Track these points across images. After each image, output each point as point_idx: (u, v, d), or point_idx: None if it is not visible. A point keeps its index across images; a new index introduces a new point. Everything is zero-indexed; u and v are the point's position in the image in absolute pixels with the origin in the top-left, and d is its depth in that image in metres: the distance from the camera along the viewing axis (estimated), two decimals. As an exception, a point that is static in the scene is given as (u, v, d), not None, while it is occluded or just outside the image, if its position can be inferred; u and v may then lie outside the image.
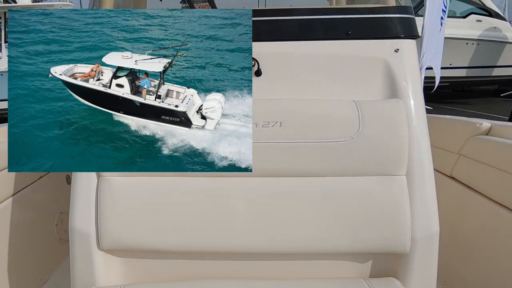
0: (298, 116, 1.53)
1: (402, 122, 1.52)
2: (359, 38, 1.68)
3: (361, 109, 1.53)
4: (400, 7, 1.74)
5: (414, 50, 1.73)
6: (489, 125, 1.96)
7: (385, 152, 1.50)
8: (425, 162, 1.56)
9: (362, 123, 1.50)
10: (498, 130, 1.94)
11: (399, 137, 1.50)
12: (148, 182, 1.53)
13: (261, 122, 1.50)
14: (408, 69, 1.66)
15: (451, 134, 2.14)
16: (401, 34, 1.69)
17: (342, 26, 1.68)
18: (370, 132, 1.50)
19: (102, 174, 1.54)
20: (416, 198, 1.52)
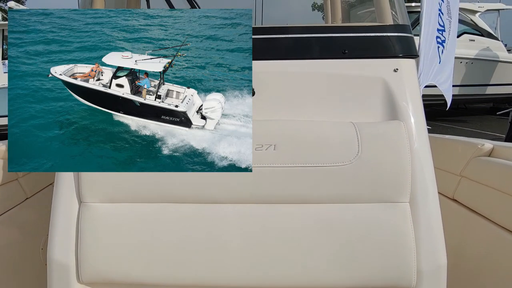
0: (294, 138, 1.45)
1: (404, 145, 1.43)
2: (356, 57, 1.63)
3: (360, 131, 1.45)
4: (398, 26, 1.70)
5: (414, 70, 1.68)
6: (491, 146, 1.91)
7: (386, 178, 1.41)
8: (429, 188, 1.47)
9: (361, 147, 1.41)
10: (500, 151, 1.89)
11: (401, 162, 1.41)
12: (133, 209, 1.43)
13: (254, 145, 1.42)
14: (408, 89, 1.60)
15: (452, 155, 2.08)
16: (400, 54, 1.64)
17: (338, 44, 1.63)
18: (370, 156, 1.41)
19: (84, 200, 1.43)
20: (421, 227, 1.42)
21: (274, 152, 1.41)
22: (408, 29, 1.71)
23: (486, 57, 12.09)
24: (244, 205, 1.43)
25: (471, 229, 1.89)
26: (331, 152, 1.42)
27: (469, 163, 1.93)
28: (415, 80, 1.66)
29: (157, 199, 1.43)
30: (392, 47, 1.65)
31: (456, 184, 2.01)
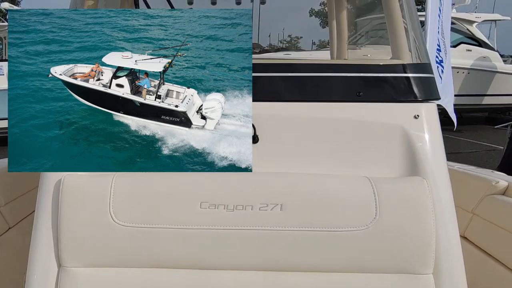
0: (303, 197, 1.29)
1: (428, 208, 1.28)
2: (372, 100, 1.45)
3: (376, 189, 1.29)
4: (419, 65, 1.54)
5: (436, 115, 1.51)
6: (506, 184, 1.81)
7: (407, 246, 1.25)
8: (456, 257, 1.33)
9: (379, 209, 1.26)
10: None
11: (424, 227, 1.26)
12: (120, 274, 1.28)
13: (258, 204, 1.25)
14: (430, 138, 1.44)
15: (465, 191, 1.95)
16: (421, 97, 1.47)
17: (353, 85, 1.45)
18: (389, 221, 1.25)
19: (64, 264, 1.27)
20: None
21: (281, 213, 1.26)
22: (429, 68, 1.56)
23: (482, 67, 12.12)
24: (246, 272, 1.29)
25: (480, 269, 1.79)
26: (345, 215, 1.27)
27: (482, 201, 1.85)
28: (438, 127, 1.49)
29: (147, 263, 1.27)
30: (413, 90, 1.48)
31: (467, 222, 1.92)
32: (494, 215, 1.77)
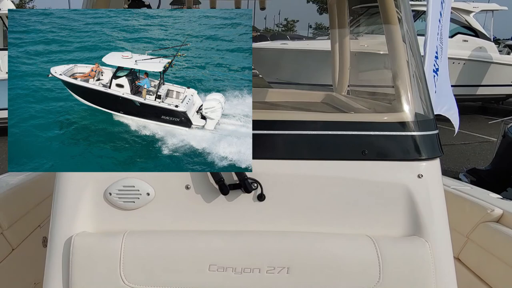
0: (308, 259, 1.32)
1: (429, 272, 1.31)
2: (377, 159, 1.45)
3: (380, 251, 1.32)
4: (423, 122, 1.53)
5: (439, 172, 1.51)
6: (500, 212, 1.85)
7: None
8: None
9: (382, 272, 1.29)
10: (508, 219, 1.83)
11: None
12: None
13: (265, 267, 1.28)
14: (433, 198, 1.45)
15: (460, 215, 1.99)
16: (425, 156, 1.47)
17: (358, 144, 1.45)
18: (392, 284, 1.28)
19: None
20: None
21: (287, 276, 1.29)
22: (433, 124, 1.55)
23: (478, 58, 12.18)
24: None
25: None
26: (350, 277, 1.30)
27: (478, 227, 1.89)
28: (440, 185, 1.51)
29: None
30: (417, 149, 1.48)
31: (462, 245, 1.97)
32: (488, 242, 1.81)
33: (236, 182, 1.38)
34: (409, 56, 1.59)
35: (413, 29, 1.65)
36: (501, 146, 5.76)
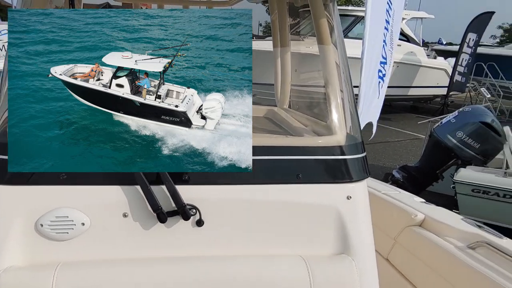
0: (243, 282, 1.37)
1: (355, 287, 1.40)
2: (310, 182, 1.50)
3: (311, 270, 1.38)
4: (353, 146, 1.60)
5: (365, 193, 1.58)
6: (422, 217, 2.01)
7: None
8: None
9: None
10: (429, 223, 2.00)
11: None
12: None
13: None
14: (361, 218, 1.53)
15: (388, 219, 2.15)
16: (354, 178, 1.55)
17: (293, 168, 1.50)
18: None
19: None
20: None
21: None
22: (361, 148, 1.63)
23: (409, 62, 13.20)
24: None
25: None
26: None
27: (403, 231, 2.03)
28: (367, 205, 1.58)
29: None
30: (347, 172, 1.55)
31: (390, 246, 2.10)
32: (412, 245, 1.95)
33: (174, 209, 1.38)
34: (342, 81, 1.65)
35: (345, 54, 1.71)
36: (427, 145, 6.24)
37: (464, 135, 5.49)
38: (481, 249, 1.67)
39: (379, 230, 2.11)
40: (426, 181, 6.16)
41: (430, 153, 6.11)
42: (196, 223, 1.43)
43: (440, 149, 5.75)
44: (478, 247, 1.68)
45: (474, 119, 5.60)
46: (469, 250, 1.70)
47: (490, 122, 5.50)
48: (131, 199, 1.40)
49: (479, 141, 5.45)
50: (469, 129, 5.49)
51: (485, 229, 1.85)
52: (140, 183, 1.37)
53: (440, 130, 5.79)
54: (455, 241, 1.81)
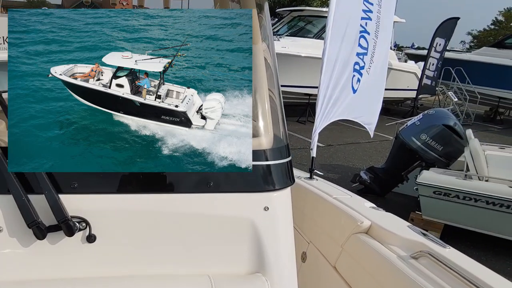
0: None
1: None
2: (222, 191, 1.33)
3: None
4: (275, 150, 1.44)
5: (288, 203, 1.43)
6: (369, 224, 1.93)
7: None
8: None
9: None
10: (375, 231, 1.92)
11: None
12: None
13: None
14: (280, 233, 1.38)
15: (338, 226, 2.05)
16: (273, 186, 1.39)
17: (203, 175, 1.35)
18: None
19: None
20: None
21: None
22: (285, 151, 1.47)
23: None
24: None
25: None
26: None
27: (349, 239, 1.94)
28: (289, 217, 1.43)
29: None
30: (265, 180, 1.39)
31: (338, 254, 1.99)
32: (357, 253, 1.86)
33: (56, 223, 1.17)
34: (270, 80, 1.53)
35: (275, 54, 1.60)
36: (393, 147, 6.36)
37: (428, 138, 5.58)
38: (423, 259, 1.58)
39: (328, 236, 2.06)
40: (392, 182, 6.23)
41: (396, 155, 6.18)
42: (86, 239, 1.22)
43: (405, 151, 5.83)
44: (421, 256, 1.60)
45: (437, 121, 5.68)
46: (411, 260, 1.61)
47: (452, 125, 5.58)
48: (7, 211, 1.17)
49: (442, 143, 5.54)
50: (432, 131, 5.58)
51: (430, 238, 1.75)
52: (13, 191, 1.16)
53: (405, 133, 5.88)
54: (399, 250, 1.71)
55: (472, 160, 5.04)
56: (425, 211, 5.04)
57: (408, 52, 19.20)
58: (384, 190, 6.33)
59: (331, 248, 2.02)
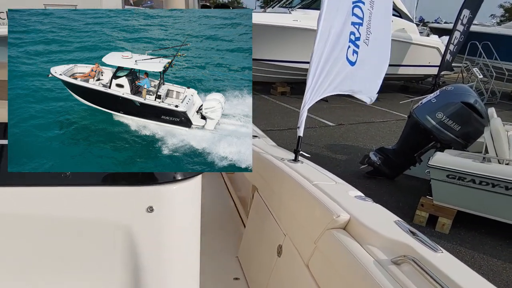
0: None
1: None
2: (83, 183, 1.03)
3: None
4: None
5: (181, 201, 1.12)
6: (347, 218, 1.62)
7: None
8: None
9: None
10: (354, 226, 1.60)
11: None
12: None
13: None
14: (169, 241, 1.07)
15: (312, 218, 1.74)
16: (160, 179, 1.08)
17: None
18: None
19: None
20: None
21: None
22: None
23: (400, 39, 12.25)
24: None
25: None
26: None
27: (324, 234, 1.64)
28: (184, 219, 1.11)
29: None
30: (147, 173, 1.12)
31: (311, 252, 1.71)
32: (330, 252, 1.57)
33: None
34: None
35: None
36: (406, 126, 5.78)
37: (444, 117, 5.09)
38: (406, 265, 1.32)
39: (303, 230, 1.78)
40: (403, 164, 5.74)
41: (408, 135, 5.66)
42: None
43: (418, 130, 5.32)
44: (403, 262, 1.33)
45: (456, 99, 5.15)
46: (391, 266, 1.34)
47: (472, 102, 5.06)
48: None
49: (459, 123, 5.06)
50: (449, 110, 5.08)
51: (419, 238, 1.47)
52: None
53: (419, 111, 5.35)
54: (378, 252, 1.45)
55: (492, 141, 4.51)
56: (437, 196, 4.56)
57: (432, 26, 17.52)
58: (394, 173, 5.77)
59: (305, 243, 1.74)
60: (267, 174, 2.09)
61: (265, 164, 2.08)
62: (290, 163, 2.17)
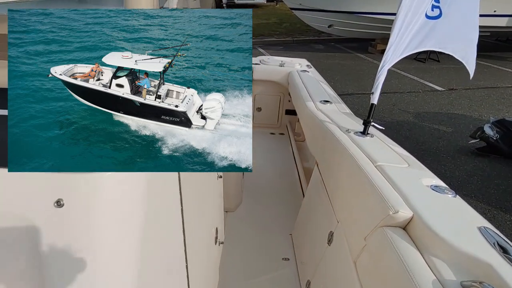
0: None
1: None
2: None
3: None
4: None
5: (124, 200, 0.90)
6: (409, 215, 1.27)
7: None
8: None
9: None
10: (417, 227, 1.25)
11: None
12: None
13: None
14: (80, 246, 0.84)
15: (367, 210, 1.46)
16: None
17: None
18: None
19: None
20: None
21: None
22: None
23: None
24: None
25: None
26: None
27: (376, 231, 1.35)
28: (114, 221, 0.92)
29: None
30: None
31: (360, 249, 1.44)
32: (380, 254, 1.28)
33: None
34: None
35: None
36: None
37: None
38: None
39: (356, 221, 1.51)
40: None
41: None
42: None
43: None
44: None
45: None
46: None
47: None
48: None
49: None
50: None
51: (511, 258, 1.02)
52: None
53: None
54: (445, 268, 1.06)
55: None
56: None
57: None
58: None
59: (356, 237, 1.47)
60: (328, 147, 1.84)
61: (327, 135, 1.82)
62: (356, 136, 1.83)
